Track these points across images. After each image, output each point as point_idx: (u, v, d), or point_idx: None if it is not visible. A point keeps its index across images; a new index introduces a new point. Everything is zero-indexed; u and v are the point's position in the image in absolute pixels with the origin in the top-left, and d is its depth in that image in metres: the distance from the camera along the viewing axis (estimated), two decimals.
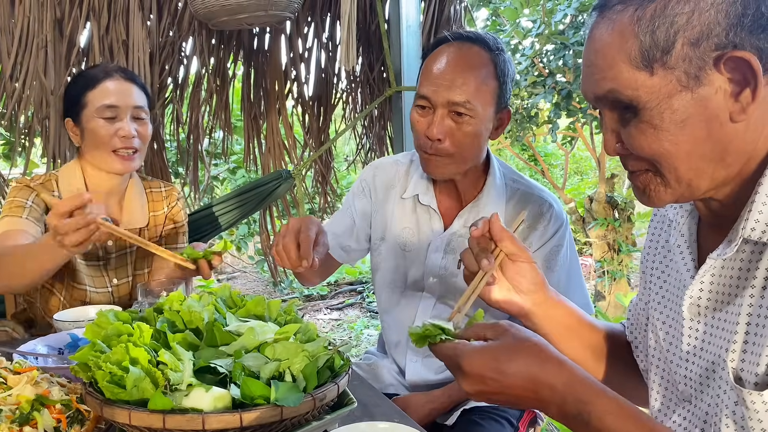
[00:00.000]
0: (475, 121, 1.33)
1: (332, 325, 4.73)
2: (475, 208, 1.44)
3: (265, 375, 0.88)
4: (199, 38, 2.94)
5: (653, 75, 0.73)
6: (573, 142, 5.75)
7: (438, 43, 1.39)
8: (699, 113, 0.73)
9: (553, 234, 1.41)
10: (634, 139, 0.78)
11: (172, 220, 1.87)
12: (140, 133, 1.69)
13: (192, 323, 1.01)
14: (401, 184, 1.54)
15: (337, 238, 1.54)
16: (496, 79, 1.34)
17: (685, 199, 0.81)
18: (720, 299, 0.80)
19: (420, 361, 1.51)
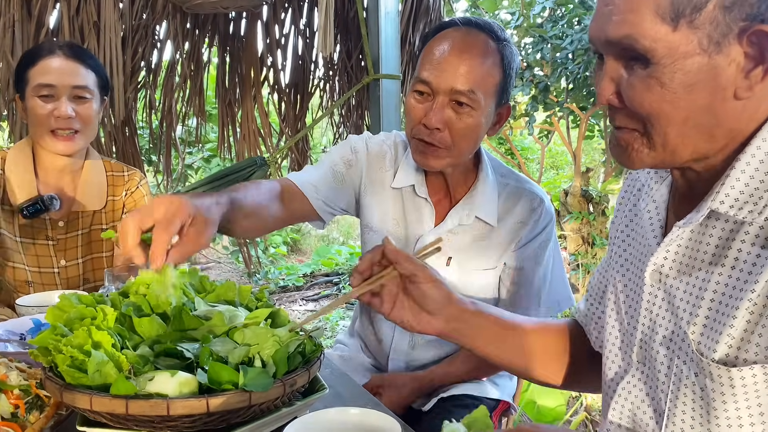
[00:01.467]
0: (476, 113, 1.27)
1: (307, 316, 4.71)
2: (470, 203, 1.39)
3: (234, 360, 0.85)
4: (174, 22, 2.89)
5: (676, 31, 0.69)
6: (549, 136, 5.79)
7: (442, 27, 1.32)
8: (708, 81, 0.70)
9: (542, 229, 1.40)
10: (635, 92, 0.74)
11: (133, 205, 1.82)
12: (80, 114, 1.63)
13: (159, 307, 0.98)
14: (390, 167, 1.46)
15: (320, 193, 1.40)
16: (502, 70, 1.28)
17: (663, 166, 0.79)
18: (684, 270, 0.79)
19: (403, 361, 1.49)
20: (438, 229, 1.41)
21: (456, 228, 1.40)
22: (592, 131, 5.44)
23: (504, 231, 1.39)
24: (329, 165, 1.45)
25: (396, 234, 1.45)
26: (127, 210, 1.83)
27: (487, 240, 1.40)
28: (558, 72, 4.28)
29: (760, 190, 0.72)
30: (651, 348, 0.83)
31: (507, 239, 1.40)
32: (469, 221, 1.39)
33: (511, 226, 1.39)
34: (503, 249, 1.40)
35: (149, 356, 0.87)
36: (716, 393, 0.72)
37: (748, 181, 0.73)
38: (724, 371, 0.71)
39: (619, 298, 0.92)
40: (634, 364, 0.87)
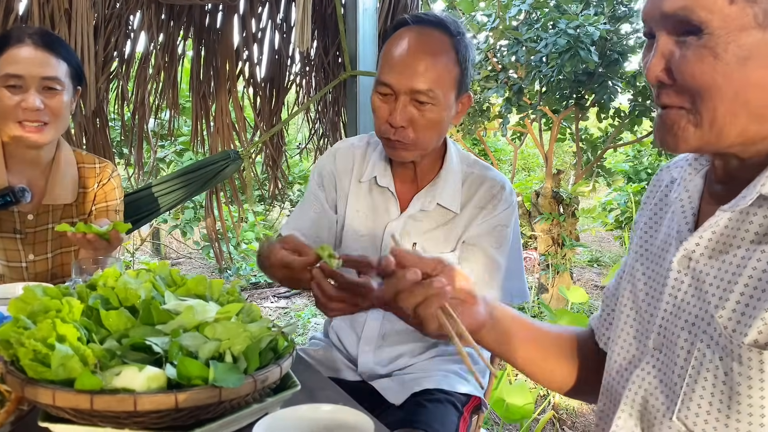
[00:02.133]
0: (438, 108, 1.32)
1: (279, 313, 4.67)
2: (433, 191, 1.44)
3: (204, 355, 0.84)
4: (148, 12, 2.83)
5: (732, 4, 0.69)
6: (522, 138, 5.84)
7: (398, 25, 1.36)
8: (762, 57, 0.70)
9: (501, 211, 1.43)
10: (688, 64, 0.73)
11: (104, 198, 1.79)
12: (49, 106, 1.58)
13: (127, 301, 0.96)
14: (358, 167, 1.52)
15: (305, 235, 1.46)
16: (458, 65, 1.32)
17: (708, 149, 0.77)
18: (716, 255, 0.79)
19: (372, 352, 1.49)
20: (402, 216, 1.45)
21: (418, 214, 1.44)
22: (564, 134, 5.51)
23: (466, 215, 1.44)
24: (308, 202, 1.54)
25: (365, 225, 1.49)
26: (98, 202, 1.79)
27: (450, 225, 1.44)
28: (532, 75, 4.32)
29: None
30: (671, 333, 0.83)
31: (467, 222, 1.44)
32: (431, 207, 1.44)
33: (472, 209, 1.44)
34: (463, 231, 1.44)
35: (116, 350, 0.84)
36: (743, 377, 0.72)
37: None
38: (755, 354, 0.71)
39: (636, 287, 0.91)
40: (649, 351, 0.87)
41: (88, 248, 1.52)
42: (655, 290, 0.88)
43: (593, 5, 4.41)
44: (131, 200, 2.41)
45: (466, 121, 5.07)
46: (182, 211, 5.42)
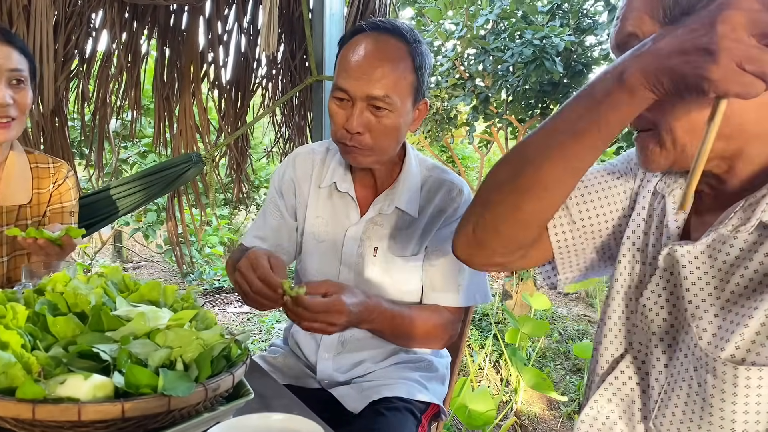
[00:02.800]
0: (394, 114, 1.32)
1: (242, 318, 4.62)
2: (391, 195, 1.45)
3: (154, 363, 0.82)
4: (111, 11, 2.78)
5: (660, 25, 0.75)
6: (489, 146, 5.89)
7: (354, 32, 1.36)
8: None
9: (461, 215, 1.43)
10: None
11: (59, 199, 1.74)
12: (17, 101, 1.54)
13: (77, 306, 0.93)
14: (317, 172, 1.51)
15: (266, 243, 1.50)
16: (414, 72, 1.33)
17: (679, 167, 0.81)
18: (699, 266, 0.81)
19: (331, 359, 1.49)
20: (362, 220, 1.45)
21: (377, 218, 1.45)
22: None
23: (425, 219, 1.45)
24: (269, 209, 1.55)
25: (325, 230, 1.49)
26: (53, 203, 1.74)
27: (410, 229, 1.45)
28: (499, 84, 4.37)
29: None
30: (651, 332, 0.85)
31: (428, 226, 1.45)
32: (389, 211, 1.44)
33: (432, 213, 1.44)
34: (425, 236, 1.45)
35: (62, 357, 0.82)
36: (716, 389, 0.73)
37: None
38: (730, 368, 0.72)
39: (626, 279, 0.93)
40: (630, 350, 0.88)
41: (40, 254, 1.48)
42: (638, 290, 0.90)
43: (559, 17, 4.48)
44: (88, 202, 2.36)
45: (434, 128, 5.10)
46: (144, 214, 5.32)
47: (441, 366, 1.55)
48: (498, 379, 3.65)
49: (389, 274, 1.44)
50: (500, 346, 3.94)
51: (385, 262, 1.44)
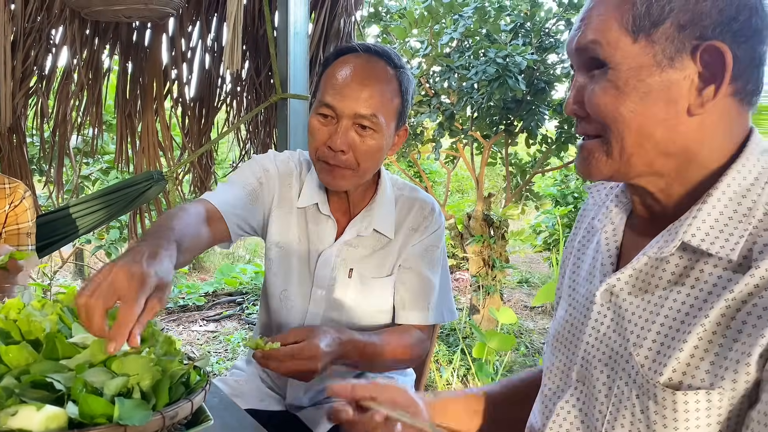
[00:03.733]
0: (378, 135, 1.32)
1: (207, 337, 4.55)
2: (368, 217, 1.44)
3: (110, 392, 0.81)
4: (71, 27, 2.75)
5: (635, 43, 0.75)
6: (455, 161, 5.96)
7: (343, 51, 1.36)
8: (662, 92, 0.75)
9: (432, 233, 1.45)
10: (595, 96, 0.79)
11: (15, 220, 1.70)
12: None
13: (31, 334, 0.92)
14: (296, 185, 1.47)
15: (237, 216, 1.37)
16: (400, 95, 1.34)
17: (619, 177, 0.82)
18: (638, 293, 0.82)
19: (302, 386, 1.46)
20: (337, 242, 1.44)
21: (354, 240, 1.44)
22: (495, 158, 5.66)
23: (400, 239, 1.45)
24: (242, 184, 1.43)
25: (299, 250, 1.46)
26: (9, 224, 1.70)
27: (386, 249, 1.45)
28: (464, 101, 4.44)
29: (730, 227, 0.75)
30: (593, 367, 0.85)
31: (403, 246, 1.45)
32: (367, 233, 1.43)
33: (405, 233, 1.45)
34: (398, 255, 1.45)
35: (14, 388, 0.80)
36: (658, 416, 0.74)
37: (718, 216, 0.76)
38: (669, 394, 0.73)
39: (563, 316, 0.93)
40: (572, 383, 0.88)
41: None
42: (579, 321, 0.90)
43: (521, 35, 4.57)
44: (47, 221, 2.31)
45: None
46: (107, 231, 5.22)
47: (406, 384, 1.55)
48: None
49: (364, 296, 1.43)
50: (468, 361, 3.96)
51: (360, 284, 1.43)
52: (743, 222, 0.75)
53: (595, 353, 0.85)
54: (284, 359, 1.14)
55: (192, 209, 1.25)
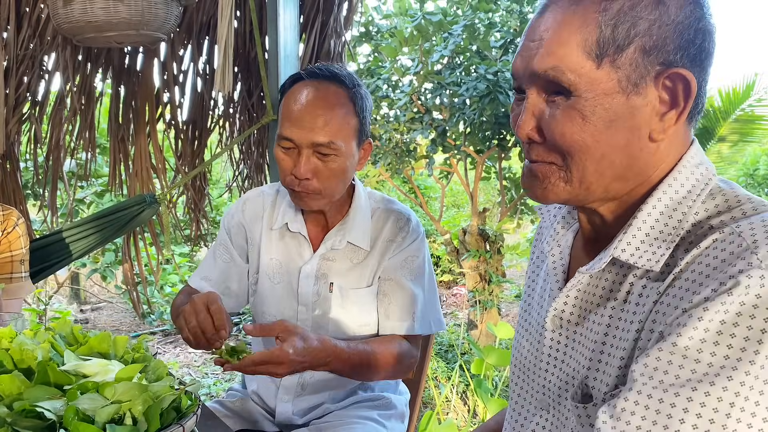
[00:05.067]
0: (340, 158, 1.34)
1: (205, 358, 4.53)
2: (342, 230, 1.46)
3: (102, 419, 0.81)
4: (63, 53, 2.77)
5: (599, 68, 0.72)
6: (449, 177, 5.98)
7: (294, 81, 1.38)
8: (626, 119, 0.73)
9: (409, 243, 1.47)
10: (558, 124, 0.75)
11: (9, 247, 1.71)
12: None
13: (23, 362, 0.92)
14: (268, 215, 1.52)
15: (217, 286, 1.51)
16: (356, 116, 1.36)
17: (575, 202, 0.80)
18: (582, 314, 0.81)
19: (291, 401, 1.48)
20: (315, 257, 1.47)
21: (329, 253, 1.46)
22: (489, 173, 5.69)
23: (377, 251, 1.47)
24: (218, 252, 1.56)
25: (279, 271, 1.49)
26: (2, 252, 1.71)
27: (364, 261, 1.47)
28: (456, 117, 4.47)
29: (659, 240, 0.75)
30: (556, 395, 0.84)
31: (379, 257, 1.47)
32: (341, 246, 1.46)
33: (382, 244, 1.47)
34: (377, 266, 1.47)
35: (6, 417, 0.81)
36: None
37: (649, 231, 0.75)
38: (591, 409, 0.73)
39: (522, 344, 0.93)
40: (537, 412, 0.87)
41: None
42: (535, 348, 0.90)
43: (511, 52, 4.62)
44: (41, 245, 2.31)
45: (394, 161, 5.16)
46: (102, 254, 5.21)
47: (399, 403, 1.56)
48: (465, 410, 3.65)
49: (346, 309, 1.45)
50: (467, 377, 3.95)
51: (341, 297, 1.45)
52: (672, 235, 0.74)
53: (555, 381, 0.84)
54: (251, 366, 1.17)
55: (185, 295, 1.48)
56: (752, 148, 7.20)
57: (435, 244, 6.76)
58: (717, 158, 6.14)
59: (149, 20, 2.25)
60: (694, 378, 0.63)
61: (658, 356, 0.66)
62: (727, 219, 0.73)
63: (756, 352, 0.62)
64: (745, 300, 0.63)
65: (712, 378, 0.63)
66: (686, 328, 0.65)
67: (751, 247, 0.66)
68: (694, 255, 0.70)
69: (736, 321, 0.63)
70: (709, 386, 0.62)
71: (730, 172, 6.30)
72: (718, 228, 0.71)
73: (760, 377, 0.62)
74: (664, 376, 0.65)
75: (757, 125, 5.95)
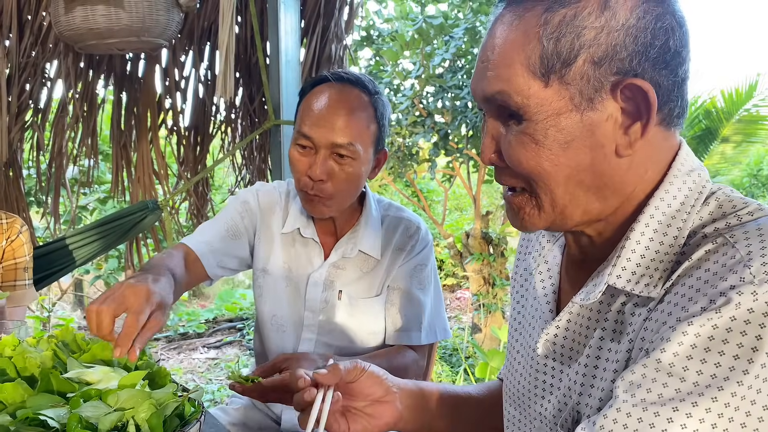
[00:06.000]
0: (357, 162, 1.34)
1: (209, 364, 4.52)
2: (353, 238, 1.45)
3: (105, 426, 0.81)
4: (65, 60, 2.78)
5: (547, 87, 0.67)
6: (452, 180, 5.98)
7: (317, 82, 1.38)
8: (585, 137, 0.68)
9: (418, 252, 1.46)
10: (513, 151, 0.71)
11: (12, 255, 1.71)
12: None
13: (26, 370, 0.92)
14: (280, 212, 1.50)
15: (215, 254, 1.42)
16: (376, 122, 1.36)
17: (557, 228, 0.75)
18: (575, 339, 0.77)
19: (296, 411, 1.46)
20: (325, 264, 1.45)
21: (340, 261, 1.45)
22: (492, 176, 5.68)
23: (387, 260, 1.46)
24: (223, 221, 1.48)
25: (287, 275, 1.48)
26: (6, 259, 1.71)
27: (374, 270, 1.46)
28: (458, 120, 4.47)
29: (656, 261, 0.69)
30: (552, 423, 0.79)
31: (390, 266, 1.46)
32: (352, 254, 1.45)
33: (392, 253, 1.46)
34: (386, 275, 1.46)
35: (9, 425, 0.80)
36: None
37: (644, 252, 0.70)
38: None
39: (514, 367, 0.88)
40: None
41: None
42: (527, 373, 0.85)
43: None
44: (44, 253, 2.31)
45: (396, 165, 5.16)
46: (105, 261, 5.22)
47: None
48: None
49: (354, 317, 1.44)
50: (471, 381, 3.94)
51: (350, 306, 1.44)
52: (668, 254, 0.69)
53: (551, 410, 0.79)
54: (264, 391, 1.11)
55: (177, 255, 1.33)
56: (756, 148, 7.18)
57: (438, 248, 6.76)
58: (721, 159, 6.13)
59: (150, 27, 2.26)
60: (677, 396, 0.59)
61: (643, 372, 0.62)
62: (721, 226, 0.67)
63: (745, 372, 0.57)
64: (736, 315, 0.59)
65: (697, 395, 0.58)
66: (671, 343, 0.60)
67: (745, 260, 0.61)
68: (685, 268, 0.66)
69: (725, 337, 0.59)
70: (698, 398, 0.58)
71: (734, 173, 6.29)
72: (711, 237, 0.66)
73: (747, 397, 0.57)
74: (647, 394, 0.61)
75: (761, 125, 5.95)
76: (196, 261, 1.37)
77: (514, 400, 0.88)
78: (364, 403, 0.91)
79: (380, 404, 0.92)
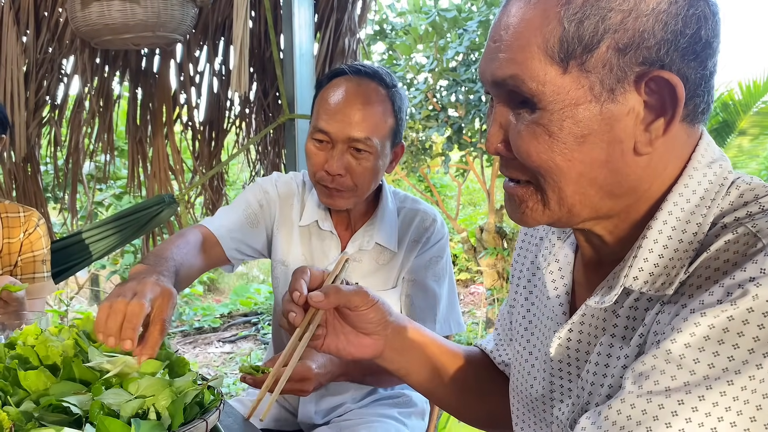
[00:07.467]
0: (373, 156, 1.33)
1: (224, 358, 4.55)
2: (370, 231, 1.45)
3: (127, 413, 0.82)
4: (82, 56, 2.80)
5: (566, 74, 0.62)
6: (465, 174, 5.96)
7: (334, 75, 1.37)
8: (602, 132, 0.63)
9: (434, 244, 1.46)
10: (523, 142, 0.65)
11: (30, 248, 1.73)
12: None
13: (48, 359, 0.93)
14: (297, 206, 1.50)
15: (234, 240, 1.43)
16: (393, 115, 1.35)
17: (560, 224, 0.71)
18: (588, 340, 0.74)
19: (314, 402, 1.47)
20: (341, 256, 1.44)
21: (357, 254, 1.45)
22: None
23: (403, 252, 1.46)
24: (243, 208, 1.47)
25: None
26: (24, 252, 1.73)
27: (391, 263, 1.46)
28: (472, 114, 4.45)
29: (674, 260, 0.65)
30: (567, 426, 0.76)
31: (406, 258, 1.46)
32: (369, 246, 1.45)
33: (408, 245, 1.46)
34: (402, 267, 1.46)
35: (33, 412, 0.82)
36: None
37: (662, 252, 0.65)
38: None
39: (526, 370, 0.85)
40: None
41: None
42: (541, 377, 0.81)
43: None
44: (61, 247, 2.34)
45: (410, 159, 5.16)
46: (121, 256, 5.27)
47: (420, 401, 1.55)
48: None
49: None
50: None
51: None
52: (688, 251, 0.64)
53: (567, 413, 0.76)
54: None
55: (190, 236, 1.33)
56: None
57: (452, 243, 6.75)
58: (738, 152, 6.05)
59: (165, 22, 2.27)
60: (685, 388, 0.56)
61: (652, 363, 0.58)
62: (741, 215, 0.63)
63: (759, 366, 0.54)
64: (754, 306, 0.55)
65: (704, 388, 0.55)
66: (682, 333, 0.57)
67: (766, 249, 0.57)
68: (703, 259, 0.62)
69: (740, 330, 0.55)
70: (706, 391, 0.55)
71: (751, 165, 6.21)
72: (731, 227, 0.62)
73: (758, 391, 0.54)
74: (654, 385, 0.57)
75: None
76: (216, 245, 1.38)
77: (527, 403, 0.85)
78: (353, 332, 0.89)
79: (368, 337, 0.90)
